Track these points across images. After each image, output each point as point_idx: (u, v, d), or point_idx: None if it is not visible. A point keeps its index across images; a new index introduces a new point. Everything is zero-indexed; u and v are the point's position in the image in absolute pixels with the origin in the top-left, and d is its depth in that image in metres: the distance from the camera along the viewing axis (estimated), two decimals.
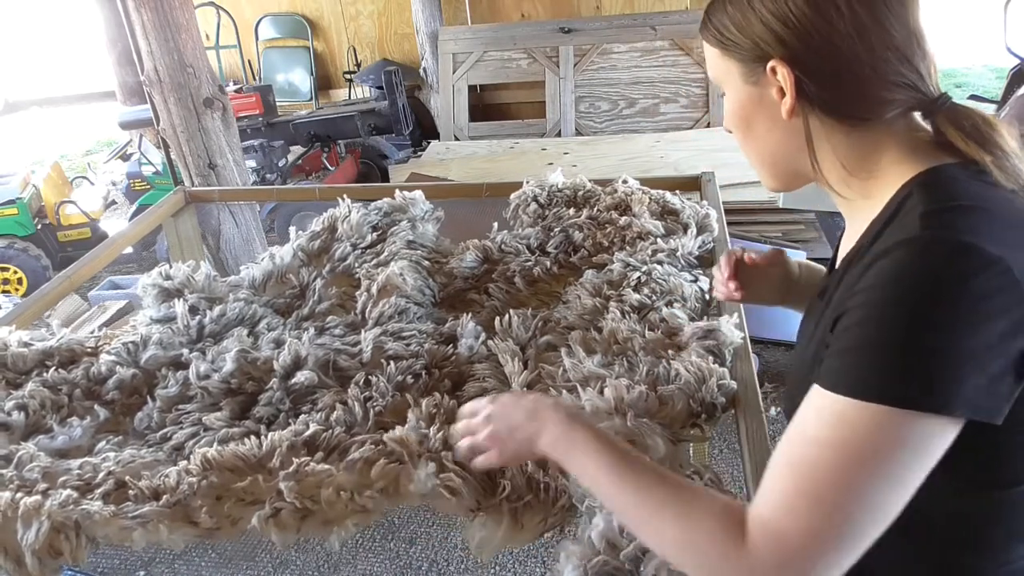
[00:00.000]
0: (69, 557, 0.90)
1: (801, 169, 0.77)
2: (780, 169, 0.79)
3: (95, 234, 4.42)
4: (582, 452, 0.75)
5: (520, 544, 0.95)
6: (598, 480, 0.73)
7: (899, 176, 0.70)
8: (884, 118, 0.71)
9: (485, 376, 1.17)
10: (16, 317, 1.48)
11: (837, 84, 0.70)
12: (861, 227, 0.73)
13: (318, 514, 0.92)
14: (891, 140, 0.71)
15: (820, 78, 0.70)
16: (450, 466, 0.95)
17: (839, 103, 0.71)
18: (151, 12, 2.60)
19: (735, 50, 0.74)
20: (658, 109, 5.33)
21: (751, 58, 0.73)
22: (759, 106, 0.75)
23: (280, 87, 6.41)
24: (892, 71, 0.69)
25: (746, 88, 0.75)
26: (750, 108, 0.76)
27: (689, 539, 0.65)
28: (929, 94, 0.71)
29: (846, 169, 0.73)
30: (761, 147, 0.78)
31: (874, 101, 0.70)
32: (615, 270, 1.37)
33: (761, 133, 0.77)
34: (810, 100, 0.71)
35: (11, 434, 1.11)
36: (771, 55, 0.71)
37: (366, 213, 1.66)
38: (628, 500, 0.70)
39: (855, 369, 0.61)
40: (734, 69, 0.76)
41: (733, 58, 0.75)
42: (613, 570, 0.80)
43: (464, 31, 5.69)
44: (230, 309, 1.40)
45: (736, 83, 0.76)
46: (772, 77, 0.72)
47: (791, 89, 0.71)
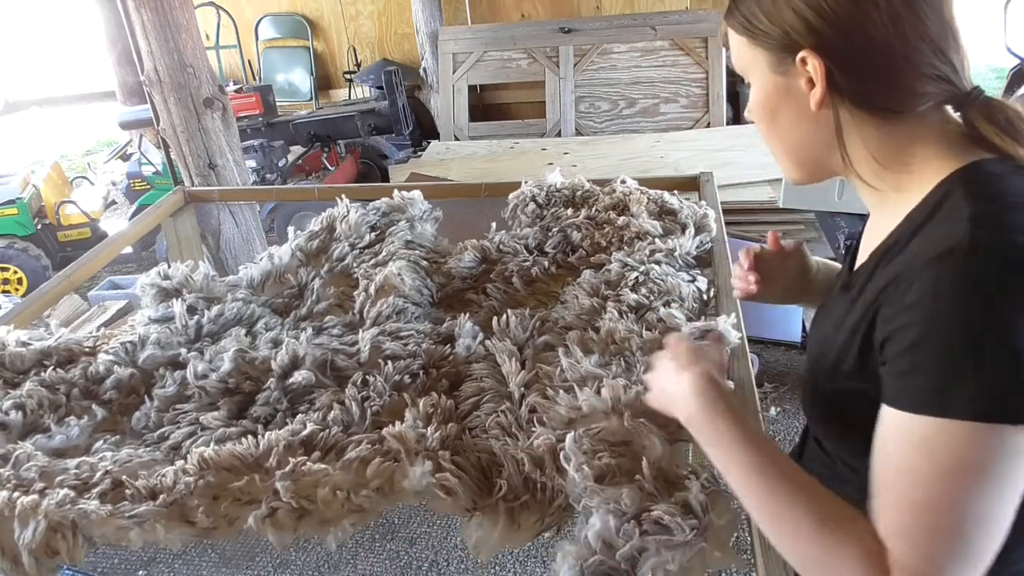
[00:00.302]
0: (66, 556, 0.90)
1: (827, 161, 0.76)
2: (805, 161, 0.77)
3: (95, 234, 4.43)
4: (717, 443, 0.73)
5: (517, 544, 0.95)
6: (733, 478, 0.71)
7: (935, 171, 0.69)
8: (916, 111, 0.69)
9: (483, 376, 1.17)
10: (15, 317, 1.48)
11: (869, 76, 0.69)
12: (893, 220, 0.72)
13: (315, 514, 0.92)
14: (924, 133, 0.70)
15: (852, 69, 0.69)
16: (446, 466, 0.95)
17: (871, 95, 0.70)
18: (151, 12, 2.60)
19: (763, 39, 0.73)
20: (658, 109, 5.33)
21: (780, 47, 0.71)
22: (786, 97, 0.73)
23: (280, 87, 6.42)
24: (926, 63, 0.68)
25: (773, 78, 0.74)
26: (777, 99, 0.74)
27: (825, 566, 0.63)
28: (962, 87, 0.69)
29: (878, 162, 0.72)
30: (787, 138, 0.76)
31: (907, 93, 0.69)
32: (613, 270, 1.37)
33: (787, 124, 0.75)
34: (840, 91, 0.70)
35: (8, 433, 1.12)
36: (801, 45, 0.70)
37: (364, 213, 1.66)
38: (764, 508, 0.68)
39: (937, 389, 0.60)
40: (761, 58, 0.74)
41: (761, 47, 0.73)
42: (609, 570, 0.80)
43: (464, 31, 5.69)
44: (228, 309, 1.40)
45: (763, 73, 0.75)
46: (801, 67, 0.70)
47: (822, 80, 0.69)
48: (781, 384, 2.93)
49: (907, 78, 0.68)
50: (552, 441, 0.96)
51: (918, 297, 0.62)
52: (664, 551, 0.79)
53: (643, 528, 0.81)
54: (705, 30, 5.24)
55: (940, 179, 0.68)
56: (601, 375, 1.05)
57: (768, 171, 3.97)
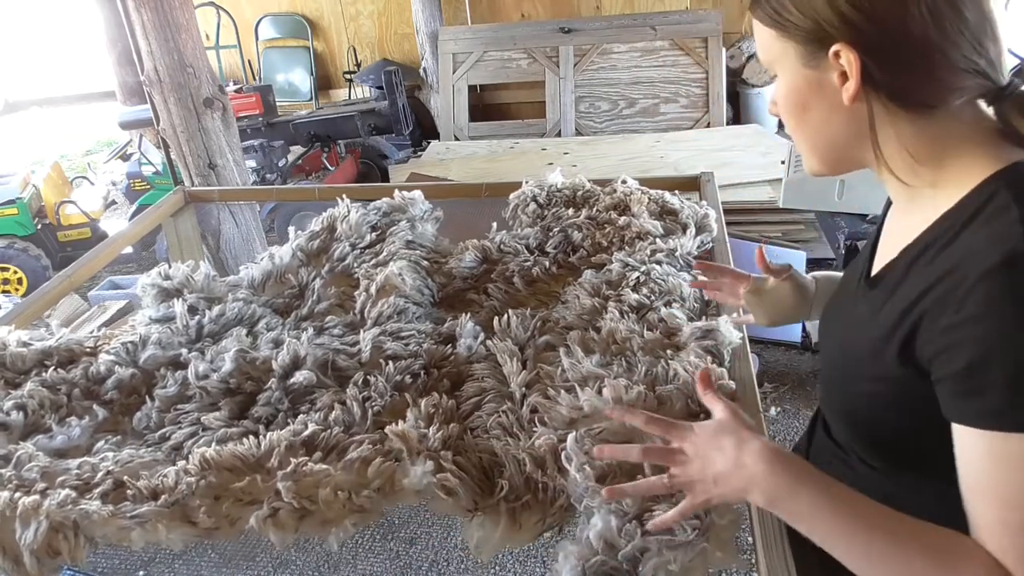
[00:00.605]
0: (68, 557, 0.90)
1: (857, 155, 0.74)
2: (834, 155, 0.76)
3: (95, 234, 4.43)
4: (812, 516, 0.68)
5: (518, 544, 0.95)
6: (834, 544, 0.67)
7: (974, 168, 0.68)
8: (951, 105, 0.68)
9: (484, 376, 1.17)
10: (16, 317, 1.48)
11: (906, 70, 0.67)
12: (925, 217, 0.71)
13: (316, 514, 0.92)
14: (958, 128, 0.69)
15: (888, 63, 0.67)
16: (447, 466, 0.95)
17: (907, 89, 0.68)
18: (151, 12, 2.60)
19: (793, 31, 0.71)
20: (658, 109, 5.33)
21: (812, 40, 0.70)
22: (817, 90, 0.72)
23: (280, 87, 6.42)
24: (963, 57, 0.66)
25: (804, 72, 0.72)
26: (807, 93, 0.73)
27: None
28: (998, 81, 0.68)
29: (913, 157, 0.71)
30: (816, 132, 0.75)
31: (943, 87, 0.67)
32: (614, 270, 1.37)
33: (818, 118, 0.74)
34: (875, 85, 0.68)
35: (10, 434, 1.11)
36: (835, 38, 0.68)
37: (365, 213, 1.66)
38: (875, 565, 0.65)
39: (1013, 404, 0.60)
40: (791, 51, 0.72)
41: (791, 40, 0.71)
42: (611, 570, 0.80)
43: (464, 31, 5.69)
44: (229, 309, 1.40)
45: (792, 66, 0.73)
46: (834, 61, 0.69)
47: (856, 74, 0.68)
48: (781, 384, 2.93)
49: (944, 72, 0.67)
50: (553, 441, 0.96)
51: (975, 312, 0.61)
52: (666, 551, 0.79)
53: (645, 528, 0.81)
54: (705, 30, 5.24)
55: (979, 178, 0.67)
56: (602, 375, 1.05)
57: (768, 171, 3.97)
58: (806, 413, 2.77)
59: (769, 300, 1.05)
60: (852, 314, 0.81)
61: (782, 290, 1.04)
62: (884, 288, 0.74)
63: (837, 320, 0.87)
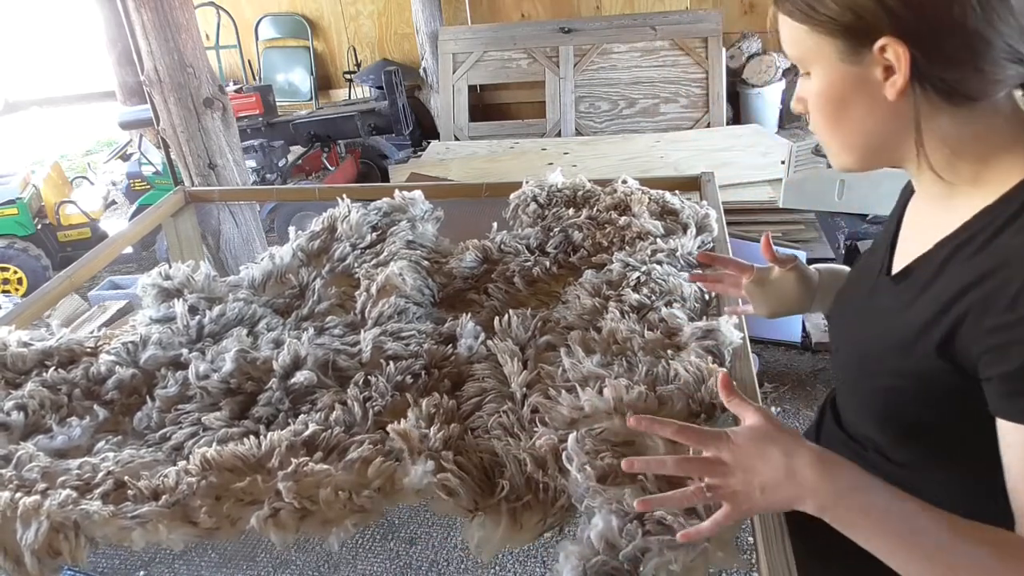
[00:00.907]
0: (68, 557, 0.90)
1: (895, 151, 0.73)
2: (871, 152, 0.74)
3: (95, 234, 4.43)
4: (866, 521, 0.66)
5: (519, 544, 0.95)
6: (893, 549, 0.64)
7: (1017, 163, 0.67)
8: (993, 98, 0.67)
9: (485, 376, 1.17)
10: (16, 317, 1.48)
11: (953, 62, 0.65)
12: (962, 213, 0.70)
13: (317, 514, 0.92)
14: (998, 121, 0.68)
15: (936, 56, 0.65)
16: (448, 466, 0.95)
17: (953, 82, 0.66)
18: (151, 12, 2.60)
19: (831, 26, 0.68)
20: (658, 109, 5.33)
21: (853, 35, 0.67)
22: (858, 86, 0.69)
23: (280, 87, 6.42)
24: (1008, 46, 0.65)
25: (843, 68, 0.69)
26: (846, 89, 0.70)
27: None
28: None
29: (955, 152, 0.69)
30: (854, 129, 0.72)
31: (988, 79, 0.66)
32: (614, 270, 1.37)
33: (857, 115, 0.71)
34: (921, 79, 0.66)
35: (10, 434, 1.11)
36: (881, 31, 0.65)
37: (365, 213, 1.66)
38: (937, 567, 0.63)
39: None
40: (827, 47, 0.69)
41: (828, 35, 0.69)
42: (612, 570, 0.80)
43: (464, 31, 5.69)
44: (229, 309, 1.40)
45: (830, 62, 0.70)
46: (879, 56, 0.66)
47: (905, 68, 0.65)
48: (781, 384, 2.94)
49: (990, 63, 0.65)
50: (554, 441, 0.96)
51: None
52: (667, 551, 0.79)
53: (646, 528, 0.81)
54: (705, 30, 5.24)
55: (1007, 184, 0.66)
56: (603, 375, 1.05)
57: (768, 171, 3.97)
58: (806, 413, 2.77)
59: (772, 290, 1.05)
60: (872, 308, 0.80)
61: (786, 281, 1.03)
62: (914, 282, 0.73)
63: (853, 315, 0.86)
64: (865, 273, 0.88)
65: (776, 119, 5.69)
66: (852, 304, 0.89)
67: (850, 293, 0.91)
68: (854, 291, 0.90)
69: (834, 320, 0.94)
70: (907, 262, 0.77)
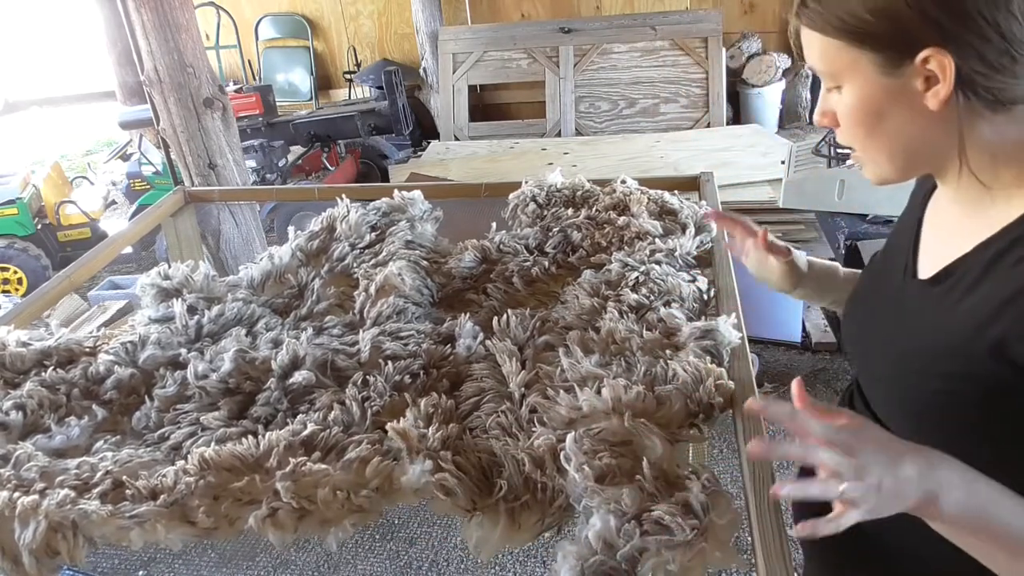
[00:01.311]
0: (67, 557, 0.90)
1: (935, 159, 0.73)
2: (911, 162, 0.74)
3: (95, 234, 4.43)
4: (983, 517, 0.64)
5: (518, 544, 0.95)
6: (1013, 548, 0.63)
7: None
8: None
9: (483, 376, 1.17)
10: (16, 317, 1.48)
11: (996, 69, 0.65)
12: (1000, 218, 0.70)
13: (315, 514, 0.92)
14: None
15: (980, 64, 0.65)
16: (446, 466, 0.95)
17: (996, 89, 0.66)
18: (151, 12, 2.60)
19: (869, 40, 0.68)
20: (658, 109, 5.33)
21: (894, 47, 0.67)
22: (896, 98, 0.69)
23: (280, 87, 6.42)
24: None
25: (881, 80, 0.69)
26: (884, 101, 0.70)
27: None
28: None
29: (995, 158, 0.69)
30: (893, 140, 0.72)
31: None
32: (613, 270, 1.36)
33: (895, 126, 0.71)
34: (964, 88, 0.66)
35: (9, 434, 1.12)
36: (924, 43, 0.65)
37: (364, 213, 1.66)
38: None
39: None
40: (864, 60, 0.69)
41: (865, 48, 0.68)
42: (610, 570, 0.80)
43: (464, 31, 5.69)
44: (228, 309, 1.40)
45: (867, 75, 0.69)
46: (921, 67, 0.66)
47: (950, 78, 0.65)
48: (781, 384, 2.93)
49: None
50: (552, 441, 0.96)
51: None
52: (664, 551, 0.79)
53: (644, 528, 0.81)
54: (705, 30, 5.24)
55: None
56: (601, 375, 1.05)
57: (768, 171, 3.97)
58: None
59: (763, 265, 1.07)
60: (904, 311, 0.79)
61: (776, 266, 1.05)
62: (955, 285, 0.72)
63: (880, 318, 0.84)
64: (883, 276, 0.87)
65: (776, 119, 5.69)
66: (876, 307, 0.87)
67: (870, 296, 0.90)
68: (874, 294, 0.89)
69: (855, 323, 0.92)
70: (941, 264, 0.76)
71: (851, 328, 0.94)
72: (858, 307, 0.93)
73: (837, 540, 0.74)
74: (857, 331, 0.92)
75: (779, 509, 0.83)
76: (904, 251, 0.83)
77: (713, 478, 0.87)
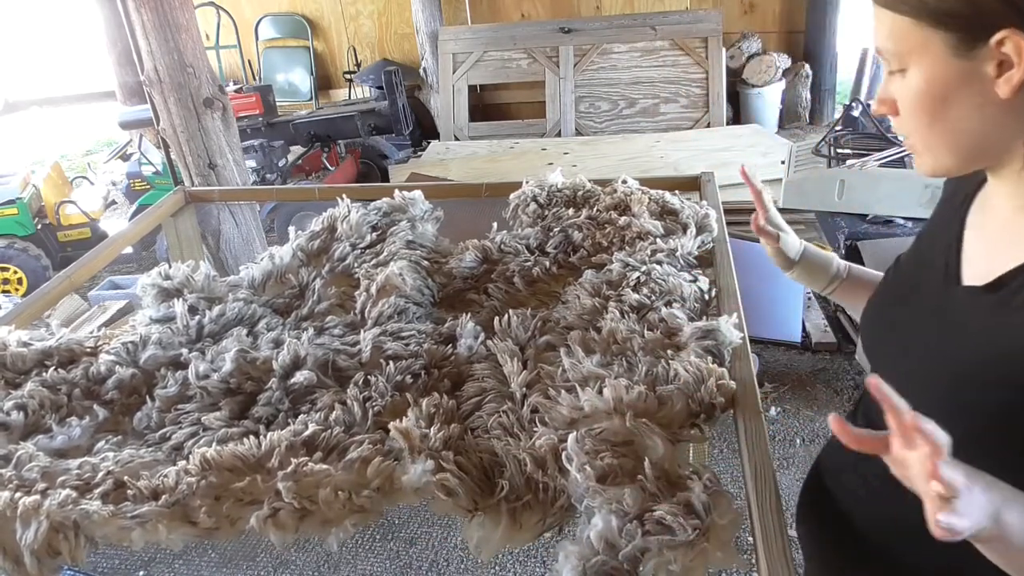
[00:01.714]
0: (68, 557, 0.90)
1: (998, 151, 0.70)
2: (973, 152, 0.71)
3: (95, 234, 4.43)
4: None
5: (519, 544, 0.95)
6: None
7: None
8: None
9: (484, 376, 1.17)
10: (16, 317, 1.48)
11: None
12: None
13: (316, 514, 0.92)
14: None
15: None
16: (447, 467, 0.95)
17: None
18: (151, 12, 2.60)
19: (944, 20, 0.65)
20: (658, 109, 5.33)
21: (970, 27, 0.64)
22: (965, 82, 0.66)
23: (280, 87, 6.42)
24: None
25: (953, 63, 0.66)
26: (952, 85, 0.67)
27: None
28: None
29: None
30: (957, 128, 0.69)
31: None
32: (614, 270, 1.36)
33: (961, 113, 0.68)
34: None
35: (10, 434, 1.11)
36: (1000, 24, 0.63)
37: (365, 213, 1.66)
38: None
39: None
40: (936, 40, 0.66)
41: (939, 28, 0.66)
42: (612, 570, 0.80)
43: (464, 31, 5.69)
44: (229, 309, 1.40)
45: (938, 56, 0.67)
46: (996, 50, 0.64)
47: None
48: (781, 384, 2.94)
49: None
50: (554, 441, 0.96)
51: None
52: (666, 551, 0.79)
53: (645, 528, 0.81)
54: (705, 30, 5.25)
55: None
56: (603, 375, 1.05)
57: (768, 171, 3.97)
58: (806, 413, 2.77)
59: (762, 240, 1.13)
60: (953, 320, 0.76)
61: (767, 247, 1.12)
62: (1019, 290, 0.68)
63: (921, 327, 0.81)
64: (916, 281, 0.84)
65: (776, 119, 5.70)
66: (912, 314, 0.84)
67: (897, 303, 0.87)
68: (906, 300, 0.85)
69: (882, 328, 0.89)
70: (994, 269, 0.72)
71: (876, 333, 0.89)
72: (885, 312, 0.89)
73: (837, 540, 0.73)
74: (884, 337, 0.88)
75: (780, 509, 0.83)
76: (943, 255, 0.80)
77: (714, 478, 0.87)
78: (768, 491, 0.85)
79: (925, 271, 0.84)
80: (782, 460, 2.56)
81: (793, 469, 2.51)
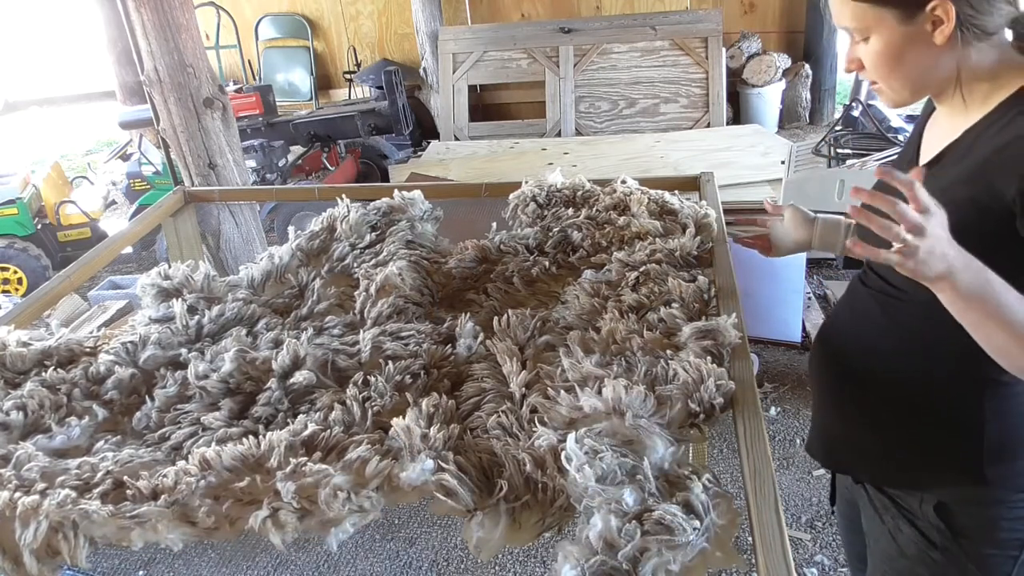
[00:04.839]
0: (67, 557, 0.90)
1: (939, 82, 0.95)
2: (922, 86, 0.97)
3: (95, 234, 4.43)
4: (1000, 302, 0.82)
5: (518, 544, 0.95)
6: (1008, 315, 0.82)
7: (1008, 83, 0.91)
8: (999, 32, 0.91)
9: (484, 376, 1.17)
10: (16, 317, 1.48)
11: (980, 9, 0.89)
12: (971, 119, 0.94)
13: (316, 514, 0.92)
14: (1000, 50, 0.92)
15: (970, 7, 0.89)
16: (447, 467, 0.95)
17: (981, 24, 0.89)
18: (151, 12, 2.60)
19: (892, 2, 0.90)
20: (658, 109, 5.33)
21: (910, 4, 0.89)
22: (912, 40, 0.92)
23: (280, 87, 6.42)
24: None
25: (901, 29, 0.91)
26: (903, 44, 0.93)
27: None
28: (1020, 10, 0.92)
29: (976, 77, 0.93)
30: (910, 72, 0.95)
31: (1001, 17, 0.90)
32: (613, 270, 1.37)
33: (913, 61, 0.94)
34: (961, 25, 0.89)
35: (10, 434, 1.12)
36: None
37: (365, 213, 1.66)
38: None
39: None
40: (888, 16, 0.92)
41: (888, 7, 0.91)
42: (611, 570, 0.80)
43: (464, 31, 5.69)
44: (229, 309, 1.40)
45: (889, 26, 0.92)
46: (930, 14, 0.89)
47: (952, 20, 0.88)
48: (781, 384, 2.93)
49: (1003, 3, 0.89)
50: (553, 441, 0.96)
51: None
52: (666, 551, 0.79)
53: (645, 528, 0.81)
54: (705, 30, 5.24)
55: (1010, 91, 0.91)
56: (602, 375, 1.05)
57: (768, 171, 3.97)
58: (806, 413, 2.77)
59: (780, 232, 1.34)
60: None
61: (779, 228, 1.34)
62: (949, 162, 0.95)
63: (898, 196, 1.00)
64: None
65: (776, 119, 5.69)
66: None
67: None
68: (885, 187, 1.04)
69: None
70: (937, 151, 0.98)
71: None
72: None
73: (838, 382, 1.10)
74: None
75: (779, 509, 0.83)
76: (908, 151, 1.09)
77: (714, 478, 0.87)
78: (768, 491, 0.85)
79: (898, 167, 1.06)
80: (782, 460, 2.56)
81: (793, 469, 2.51)
